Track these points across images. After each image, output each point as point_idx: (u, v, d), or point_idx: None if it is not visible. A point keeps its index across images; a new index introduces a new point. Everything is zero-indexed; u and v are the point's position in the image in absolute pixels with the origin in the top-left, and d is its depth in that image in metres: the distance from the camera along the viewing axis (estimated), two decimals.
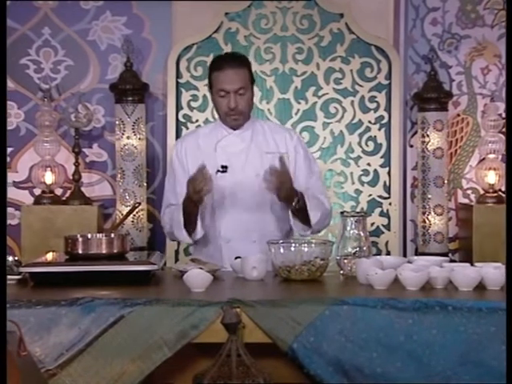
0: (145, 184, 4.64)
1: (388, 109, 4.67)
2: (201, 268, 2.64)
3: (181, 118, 4.65)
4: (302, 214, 3.08)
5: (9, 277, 2.57)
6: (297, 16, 4.68)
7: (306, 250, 2.72)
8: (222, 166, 3.17)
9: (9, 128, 4.63)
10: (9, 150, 4.66)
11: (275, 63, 4.69)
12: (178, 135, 4.61)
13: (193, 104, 4.65)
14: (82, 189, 4.63)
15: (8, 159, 4.67)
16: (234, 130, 3.23)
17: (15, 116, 4.68)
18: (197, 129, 3.81)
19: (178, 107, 4.65)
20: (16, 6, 4.61)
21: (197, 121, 4.65)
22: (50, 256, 2.85)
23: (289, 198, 3.05)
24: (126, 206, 4.49)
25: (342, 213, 2.89)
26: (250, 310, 2.17)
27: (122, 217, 4.02)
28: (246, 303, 2.19)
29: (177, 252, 4.60)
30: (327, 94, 4.69)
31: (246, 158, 3.20)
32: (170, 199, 3.26)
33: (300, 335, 2.13)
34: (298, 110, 4.68)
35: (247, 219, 3.15)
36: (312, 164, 3.30)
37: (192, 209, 3.08)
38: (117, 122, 4.61)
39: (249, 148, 3.22)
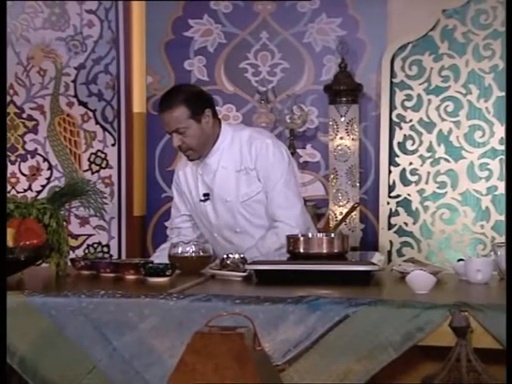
0: (357, 184, 4.65)
1: None
2: (422, 269, 2.60)
3: (394, 118, 4.60)
4: None
5: (235, 273, 2.68)
6: None
7: None
8: (204, 195, 3.26)
9: None
10: None
11: (495, 60, 4.51)
12: (391, 135, 4.58)
13: (407, 104, 4.59)
14: None
15: None
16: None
17: (234, 118, 4.85)
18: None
19: (392, 107, 4.60)
20: (237, 11, 4.79)
21: (410, 120, 4.58)
22: None
23: None
24: (339, 206, 4.52)
25: None
26: (479, 314, 2.10)
27: (342, 216, 4.08)
28: (474, 307, 2.12)
29: (389, 253, 4.57)
30: None
31: (219, 184, 3.23)
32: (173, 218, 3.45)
33: None
34: None
35: (224, 243, 3.26)
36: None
37: None
38: (330, 123, 4.65)
39: (217, 173, 3.23)
